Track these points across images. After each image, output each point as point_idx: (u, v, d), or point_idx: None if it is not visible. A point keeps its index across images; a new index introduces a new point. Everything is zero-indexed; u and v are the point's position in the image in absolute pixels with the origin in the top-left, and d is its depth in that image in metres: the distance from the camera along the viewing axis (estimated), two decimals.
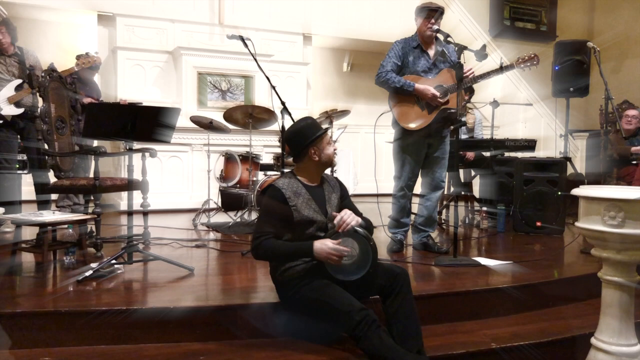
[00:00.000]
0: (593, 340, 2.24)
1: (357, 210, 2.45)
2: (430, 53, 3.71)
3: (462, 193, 5.24)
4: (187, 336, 2.38)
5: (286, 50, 7.21)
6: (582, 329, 2.61)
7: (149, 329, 2.36)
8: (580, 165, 6.65)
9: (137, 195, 3.60)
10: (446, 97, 3.56)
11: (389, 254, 3.67)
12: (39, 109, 4.01)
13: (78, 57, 4.36)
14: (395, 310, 2.26)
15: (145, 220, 3.86)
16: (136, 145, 3.26)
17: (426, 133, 3.64)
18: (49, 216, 3.18)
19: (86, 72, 4.80)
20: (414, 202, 3.89)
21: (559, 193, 4.58)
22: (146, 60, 6.42)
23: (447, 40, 3.59)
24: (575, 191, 2.22)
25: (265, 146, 6.43)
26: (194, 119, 4.86)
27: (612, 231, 2.05)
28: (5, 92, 4.10)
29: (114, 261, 2.99)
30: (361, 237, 2.30)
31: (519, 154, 5.25)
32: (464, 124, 4.39)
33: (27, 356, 2.20)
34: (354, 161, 7.33)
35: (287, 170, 2.71)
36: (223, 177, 4.86)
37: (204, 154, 5.25)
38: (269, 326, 2.44)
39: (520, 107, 7.27)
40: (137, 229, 3.69)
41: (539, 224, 4.62)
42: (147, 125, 3.00)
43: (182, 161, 6.18)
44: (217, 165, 4.99)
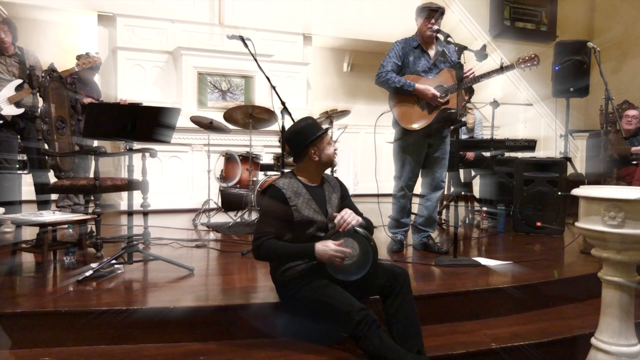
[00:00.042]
0: (593, 340, 2.24)
1: (358, 210, 2.45)
2: (430, 53, 3.71)
3: (462, 193, 5.23)
4: (187, 336, 2.38)
5: (286, 51, 7.21)
6: (582, 329, 2.61)
7: (149, 329, 2.36)
8: (580, 166, 6.64)
9: (137, 195, 3.61)
10: (446, 97, 3.57)
11: (389, 254, 3.67)
12: (39, 109, 4.01)
13: (78, 57, 4.37)
14: (395, 310, 2.26)
15: (145, 221, 3.87)
16: (136, 145, 3.26)
17: (426, 133, 3.64)
18: (49, 216, 3.18)
19: (86, 72, 4.79)
20: (414, 202, 3.89)
21: (559, 193, 4.58)
22: (146, 61, 6.42)
23: (448, 41, 3.59)
24: (575, 191, 2.22)
25: (265, 146, 6.42)
26: (194, 119, 4.86)
27: (612, 231, 2.05)
28: (6, 92, 4.10)
29: (114, 261, 2.99)
30: (361, 237, 2.30)
31: (519, 154, 5.25)
32: (464, 124, 4.39)
33: (27, 356, 2.20)
34: (354, 161, 7.33)
35: (288, 171, 2.71)
36: (223, 177, 4.86)
37: (204, 154, 5.24)
38: (269, 326, 2.44)
39: (520, 107, 7.26)
40: (137, 229, 3.69)
41: (539, 224, 4.62)
42: (147, 125, 3.00)
43: (182, 161, 6.18)
44: (217, 165, 4.99)
